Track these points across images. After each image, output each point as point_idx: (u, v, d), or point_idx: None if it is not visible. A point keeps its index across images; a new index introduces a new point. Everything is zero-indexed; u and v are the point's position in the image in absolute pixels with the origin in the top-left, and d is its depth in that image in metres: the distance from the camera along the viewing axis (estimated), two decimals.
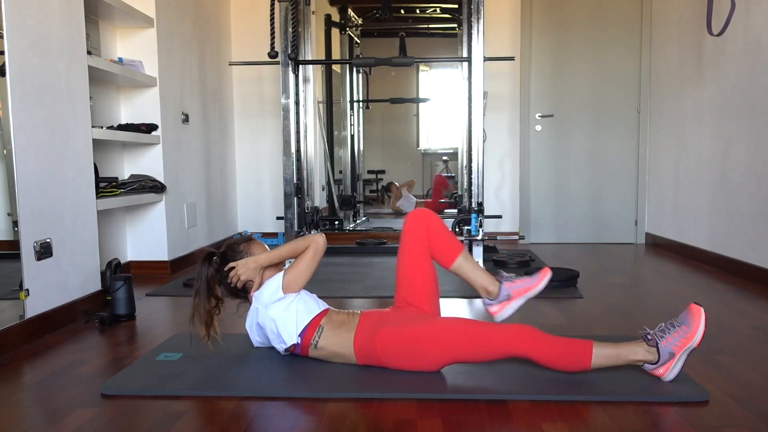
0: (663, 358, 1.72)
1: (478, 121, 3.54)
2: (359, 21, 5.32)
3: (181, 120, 3.84)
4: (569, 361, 1.73)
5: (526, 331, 1.75)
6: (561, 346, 1.74)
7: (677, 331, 1.72)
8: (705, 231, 3.80)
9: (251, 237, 2.09)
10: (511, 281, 1.99)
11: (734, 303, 2.80)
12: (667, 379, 1.74)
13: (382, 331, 1.84)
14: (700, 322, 1.72)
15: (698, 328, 1.71)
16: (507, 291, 1.97)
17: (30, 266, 2.31)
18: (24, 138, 2.28)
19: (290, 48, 3.57)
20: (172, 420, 1.58)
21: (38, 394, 1.81)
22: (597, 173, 4.84)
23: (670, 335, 1.72)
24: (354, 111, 5.35)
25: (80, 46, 2.71)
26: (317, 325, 1.90)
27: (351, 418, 1.59)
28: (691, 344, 1.71)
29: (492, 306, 1.99)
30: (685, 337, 1.71)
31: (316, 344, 1.89)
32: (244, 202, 5.04)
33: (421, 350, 1.81)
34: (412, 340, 1.81)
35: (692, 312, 1.74)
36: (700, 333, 1.71)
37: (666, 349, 1.71)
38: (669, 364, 1.72)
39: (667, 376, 1.74)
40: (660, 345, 1.72)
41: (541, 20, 4.78)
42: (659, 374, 1.74)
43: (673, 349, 1.71)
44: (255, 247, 2.02)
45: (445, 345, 1.78)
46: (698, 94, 3.88)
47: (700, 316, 1.72)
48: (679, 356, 1.72)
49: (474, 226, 3.48)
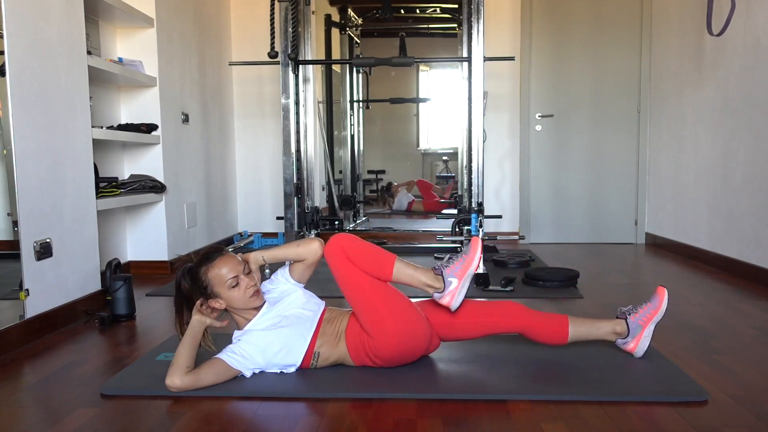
0: (633, 332, 1.94)
1: (478, 121, 3.55)
2: (359, 21, 5.32)
3: (181, 120, 3.84)
4: (551, 333, 1.94)
5: (515, 305, 1.98)
6: (544, 319, 1.96)
7: (643, 308, 1.96)
8: (705, 231, 3.80)
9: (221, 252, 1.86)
10: (448, 266, 1.89)
11: (734, 303, 2.80)
12: (638, 354, 1.94)
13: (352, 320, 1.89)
14: (663, 299, 1.96)
15: (661, 304, 1.95)
16: (449, 277, 1.87)
17: (30, 266, 2.31)
18: (24, 138, 2.28)
19: (290, 48, 3.57)
20: (172, 420, 1.58)
21: (38, 394, 1.81)
22: (597, 173, 4.84)
23: (637, 312, 1.97)
24: (354, 111, 5.34)
25: (80, 46, 2.71)
26: (311, 354, 1.86)
27: (351, 418, 1.59)
28: (656, 317, 1.94)
29: (444, 297, 1.87)
30: (650, 313, 1.95)
31: (315, 366, 1.89)
32: (244, 202, 5.04)
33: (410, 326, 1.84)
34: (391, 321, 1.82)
35: (657, 292, 1.98)
36: (663, 308, 1.95)
37: (634, 323, 1.95)
38: (638, 338, 1.94)
39: (637, 350, 1.94)
40: (629, 319, 1.96)
41: (541, 20, 4.78)
42: (630, 349, 1.95)
43: (640, 323, 1.94)
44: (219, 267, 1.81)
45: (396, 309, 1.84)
46: (698, 94, 3.88)
47: (663, 295, 1.97)
48: (646, 329, 1.94)
49: (474, 226, 3.48)
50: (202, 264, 1.83)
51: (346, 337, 1.87)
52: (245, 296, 1.82)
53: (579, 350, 2.03)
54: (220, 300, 1.82)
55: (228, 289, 1.80)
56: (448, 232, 4.03)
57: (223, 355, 1.79)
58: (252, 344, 1.81)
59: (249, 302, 1.84)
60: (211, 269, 1.81)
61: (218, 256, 1.84)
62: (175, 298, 1.85)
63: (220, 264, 1.81)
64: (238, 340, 1.83)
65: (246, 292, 1.82)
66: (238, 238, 4.81)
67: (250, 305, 1.85)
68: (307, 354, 1.85)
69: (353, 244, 1.85)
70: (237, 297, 1.82)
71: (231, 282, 1.80)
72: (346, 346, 1.87)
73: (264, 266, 2.01)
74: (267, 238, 4.84)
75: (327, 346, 1.87)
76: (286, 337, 1.83)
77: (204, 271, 1.81)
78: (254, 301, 1.85)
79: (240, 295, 1.82)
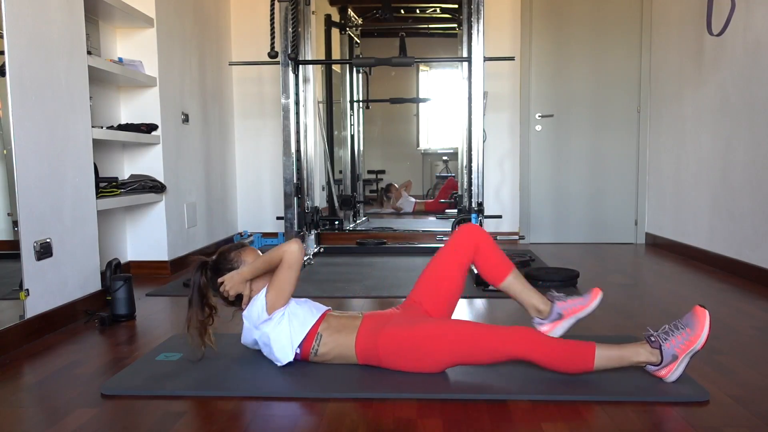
0: (666, 360, 1.71)
1: (478, 121, 3.55)
2: (359, 21, 5.32)
3: (181, 120, 3.84)
4: (572, 363, 1.73)
5: (528, 333, 1.75)
6: (563, 348, 1.74)
7: (681, 334, 1.72)
8: (705, 231, 3.80)
9: (244, 243, 2.03)
10: (562, 301, 1.99)
11: (734, 303, 2.80)
12: (669, 380, 1.74)
13: (385, 331, 1.84)
14: (705, 324, 1.71)
15: (702, 331, 1.70)
16: (558, 310, 1.98)
17: (30, 266, 2.31)
18: (24, 138, 2.28)
19: (290, 48, 3.57)
20: (172, 420, 1.58)
21: (38, 394, 1.81)
22: (597, 173, 4.84)
23: (673, 337, 1.72)
24: (354, 111, 5.35)
25: (80, 46, 2.71)
26: (315, 334, 1.88)
27: (351, 418, 1.59)
28: (694, 347, 1.71)
29: (543, 325, 1.99)
30: (688, 340, 1.70)
31: (316, 352, 1.88)
32: (244, 202, 5.04)
33: (423, 351, 1.80)
34: (414, 341, 1.81)
35: (697, 314, 1.74)
36: (704, 336, 1.70)
37: (669, 351, 1.71)
38: (671, 366, 1.72)
39: (669, 377, 1.74)
40: (663, 347, 1.71)
41: (541, 20, 4.78)
42: (662, 375, 1.74)
43: (677, 351, 1.71)
44: (246, 255, 1.96)
45: (447, 346, 1.77)
46: (698, 94, 3.88)
47: (705, 319, 1.72)
48: (682, 358, 1.71)
49: None
50: (232, 249, 1.98)
51: (358, 333, 1.87)
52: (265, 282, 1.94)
53: None
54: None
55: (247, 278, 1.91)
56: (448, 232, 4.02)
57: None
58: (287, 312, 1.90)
59: None
60: (243, 252, 1.97)
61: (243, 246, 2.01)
62: (191, 293, 1.90)
63: (248, 250, 1.99)
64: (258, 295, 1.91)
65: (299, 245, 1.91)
66: (238, 238, 4.82)
67: None
68: (308, 336, 1.87)
69: (487, 237, 2.03)
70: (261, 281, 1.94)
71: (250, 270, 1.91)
72: (354, 340, 1.86)
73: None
74: (267, 238, 4.85)
75: (330, 331, 1.88)
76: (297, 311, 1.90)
77: (236, 254, 1.96)
78: None
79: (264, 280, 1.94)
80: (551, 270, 3.29)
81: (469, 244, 2.00)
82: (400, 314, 1.94)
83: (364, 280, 3.37)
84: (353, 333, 1.87)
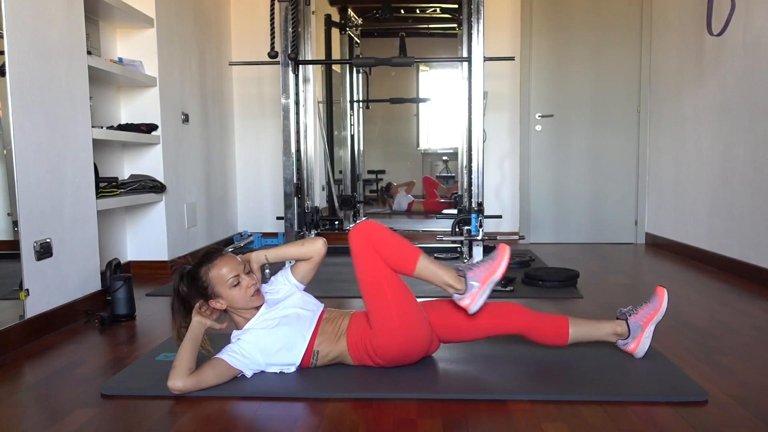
0: (633, 332, 1.94)
1: (478, 121, 3.54)
2: (359, 21, 5.31)
3: (181, 120, 3.84)
4: (551, 334, 1.94)
5: (515, 306, 1.97)
6: (543, 320, 1.95)
7: (643, 309, 1.96)
8: (705, 231, 3.80)
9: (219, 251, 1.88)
10: (472, 270, 1.88)
11: (734, 303, 2.80)
12: (638, 354, 1.94)
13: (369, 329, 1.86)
14: (663, 299, 1.96)
15: (661, 305, 1.95)
16: (472, 280, 1.86)
17: (30, 266, 2.31)
18: (24, 138, 2.28)
19: (290, 48, 3.56)
20: (172, 420, 1.58)
21: (38, 394, 1.81)
22: (597, 173, 4.84)
23: (636, 313, 1.96)
24: (354, 111, 5.34)
25: (80, 46, 2.71)
26: (311, 353, 1.86)
27: (351, 418, 1.59)
28: (656, 318, 1.94)
29: (463, 299, 1.86)
30: (650, 313, 1.94)
31: (314, 365, 1.89)
32: (244, 202, 5.04)
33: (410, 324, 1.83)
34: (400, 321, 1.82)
35: (657, 293, 1.98)
36: (663, 308, 1.95)
37: (634, 324, 1.95)
38: (638, 338, 1.94)
39: (638, 351, 1.94)
40: (629, 320, 1.96)
41: (541, 20, 4.78)
42: (631, 350, 1.95)
43: (641, 323, 1.94)
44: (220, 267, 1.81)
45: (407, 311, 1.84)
46: (698, 94, 3.88)
47: (663, 295, 1.96)
48: (646, 329, 1.94)
49: (474, 226, 3.47)
50: (203, 264, 1.83)
51: (348, 336, 1.87)
52: (246, 295, 1.83)
53: (579, 350, 2.03)
54: (221, 300, 1.82)
55: (229, 288, 1.81)
56: (448, 232, 4.02)
57: (223, 355, 1.79)
58: (252, 343, 1.81)
59: (250, 301, 1.84)
60: (212, 269, 1.81)
61: (218, 256, 1.84)
62: (173, 301, 1.86)
63: (220, 264, 1.82)
64: (238, 340, 1.83)
65: (247, 291, 1.82)
66: (238, 238, 4.81)
67: (251, 304, 1.85)
68: (306, 353, 1.85)
69: (381, 232, 1.86)
70: (238, 296, 1.82)
71: (232, 281, 1.81)
72: (346, 344, 1.86)
73: (264, 266, 2.01)
74: (267, 238, 4.84)
75: (326, 344, 1.87)
76: (285, 335, 1.83)
77: (204, 272, 1.82)
78: (255, 301, 1.86)
79: (241, 294, 1.82)
80: (551, 270, 3.29)
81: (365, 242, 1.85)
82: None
83: None
84: (344, 337, 1.87)
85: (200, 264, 1.84)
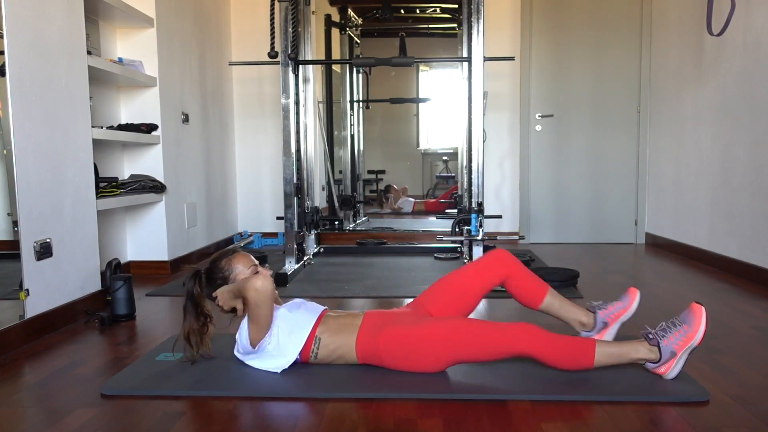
0: (665, 357, 1.73)
1: (478, 121, 3.54)
2: (359, 21, 5.32)
3: (181, 120, 3.84)
4: (572, 359, 1.74)
5: (529, 329, 1.75)
6: (564, 344, 1.74)
7: (678, 330, 1.73)
8: (705, 231, 3.80)
9: (235, 249, 2.01)
10: (603, 309, 2.00)
11: (734, 303, 2.80)
12: (668, 377, 1.75)
13: (386, 329, 1.84)
14: (701, 320, 1.73)
15: (699, 327, 1.72)
16: (602, 319, 1.99)
17: (30, 266, 2.31)
18: (24, 138, 2.28)
19: (290, 48, 3.56)
20: (172, 420, 1.58)
21: (38, 394, 1.81)
22: (597, 173, 4.84)
23: (671, 334, 1.73)
24: (354, 111, 5.34)
25: (80, 46, 2.71)
26: (313, 338, 1.87)
27: (351, 418, 1.59)
28: (692, 343, 1.72)
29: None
30: (686, 336, 1.72)
31: (315, 356, 1.88)
32: (244, 202, 5.04)
33: (424, 349, 1.80)
34: (415, 339, 1.80)
35: (693, 311, 1.75)
36: (701, 332, 1.72)
37: (667, 348, 1.72)
38: (670, 363, 1.74)
39: (668, 374, 1.75)
40: (661, 344, 1.73)
41: (541, 20, 4.78)
42: (661, 372, 1.76)
43: (675, 348, 1.72)
44: (237, 261, 1.93)
45: (448, 344, 1.77)
46: (698, 94, 3.88)
47: (701, 315, 1.73)
48: (680, 355, 1.73)
49: (474, 226, 3.47)
50: (221, 258, 1.95)
51: (360, 332, 1.86)
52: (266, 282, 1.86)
53: None
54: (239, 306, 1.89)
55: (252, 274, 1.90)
56: (448, 232, 4.03)
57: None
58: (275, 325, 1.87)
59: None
60: (234, 259, 1.93)
61: (234, 252, 1.98)
62: (185, 303, 1.90)
63: (239, 256, 1.95)
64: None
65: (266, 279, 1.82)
66: (238, 238, 4.82)
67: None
68: (309, 338, 1.86)
69: (518, 265, 2.03)
70: None
71: (253, 269, 1.92)
72: (355, 340, 1.86)
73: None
74: (267, 238, 4.85)
75: (329, 333, 1.88)
76: (291, 319, 1.89)
77: (226, 261, 1.93)
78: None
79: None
80: (551, 270, 3.29)
81: (499, 273, 2.01)
82: (402, 313, 1.94)
83: (364, 280, 3.37)
84: (354, 332, 1.87)
85: (218, 259, 1.95)
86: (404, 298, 2.94)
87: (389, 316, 1.92)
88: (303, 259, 3.78)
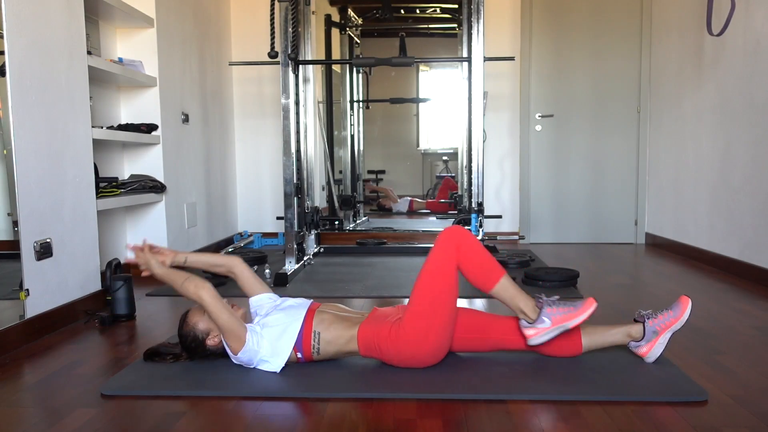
0: (647, 336, 1.88)
1: (478, 121, 3.54)
2: (359, 21, 5.32)
3: (181, 120, 3.84)
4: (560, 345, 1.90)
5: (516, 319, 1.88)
6: None
7: (663, 314, 1.90)
8: (705, 231, 3.80)
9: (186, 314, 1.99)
10: (551, 306, 1.87)
11: (734, 303, 2.80)
12: (649, 359, 1.89)
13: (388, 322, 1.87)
14: (686, 309, 1.88)
15: (683, 314, 1.88)
16: (546, 316, 1.88)
17: (30, 266, 2.31)
18: (24, 138, 2.28)
19: (290, 48, 3.56)
20: (172, 420, 1.58)
21: (38, 394, 1.81)
22: (597, 173, 4.84)
23: (655, 317, 1.90)
24: (354, 111, 5.34)
25: (80, 46, 2.71)
26: (311, 333, 1.88)
27: (351, 418, 1.59)
28: (674, 326, 1.87)
29: (528, 329, 1.87)
30: (669, 320, 1.88)
31: (318, 351, 1.88)
32: (244, 202, 5.04)
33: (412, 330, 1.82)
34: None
35: (680, 301, 1.91)
36: (684, 318, 1.88)
37: (651, 328, 1.88)
38: (652, 343, 1.88)
39: (649, 355, 1.89)
40: (646, 323, 1.89)
41: (541, 20, 4.78)
42: (642, 353, 1.90)
43: (657, 328, 1.88)
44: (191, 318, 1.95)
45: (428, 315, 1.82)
46: (698, 94, 3.88)
47: (687, 304, 1.89)
48: (662, 335, 1.88)
49: (474, 226, 3.48)
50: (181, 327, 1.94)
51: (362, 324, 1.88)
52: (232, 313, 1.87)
53: None
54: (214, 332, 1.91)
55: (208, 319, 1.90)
56: None
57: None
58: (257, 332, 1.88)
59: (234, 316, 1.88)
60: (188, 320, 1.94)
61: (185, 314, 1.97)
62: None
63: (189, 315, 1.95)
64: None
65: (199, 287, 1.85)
66: (238, 238, 4.82)
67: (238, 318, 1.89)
68: (305, 333, 1.86)
69: (473, 241, 1.88)
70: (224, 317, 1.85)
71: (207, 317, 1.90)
72: (357, 331, 1.87)
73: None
74: (267, 238, 4.85)
75: (326, 324, 1.88)
76: (279, 319, 1.89)
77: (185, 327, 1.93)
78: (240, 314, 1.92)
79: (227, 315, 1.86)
80: (551, 270, 3.30)
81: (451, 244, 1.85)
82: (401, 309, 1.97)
83: (364, 280, 3.37)
84: (356, 323, 1.89)
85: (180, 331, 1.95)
86: (404, 298, 2.93)
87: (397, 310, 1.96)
88: (303, 259, 3.78)
